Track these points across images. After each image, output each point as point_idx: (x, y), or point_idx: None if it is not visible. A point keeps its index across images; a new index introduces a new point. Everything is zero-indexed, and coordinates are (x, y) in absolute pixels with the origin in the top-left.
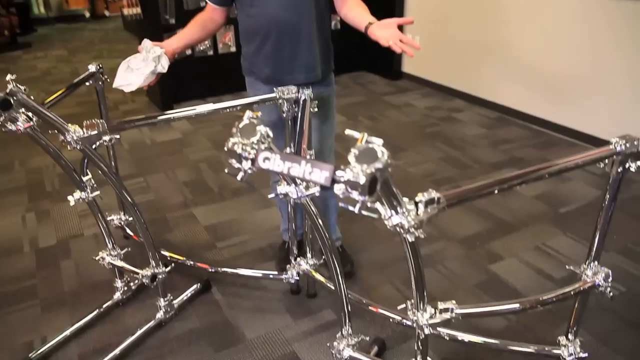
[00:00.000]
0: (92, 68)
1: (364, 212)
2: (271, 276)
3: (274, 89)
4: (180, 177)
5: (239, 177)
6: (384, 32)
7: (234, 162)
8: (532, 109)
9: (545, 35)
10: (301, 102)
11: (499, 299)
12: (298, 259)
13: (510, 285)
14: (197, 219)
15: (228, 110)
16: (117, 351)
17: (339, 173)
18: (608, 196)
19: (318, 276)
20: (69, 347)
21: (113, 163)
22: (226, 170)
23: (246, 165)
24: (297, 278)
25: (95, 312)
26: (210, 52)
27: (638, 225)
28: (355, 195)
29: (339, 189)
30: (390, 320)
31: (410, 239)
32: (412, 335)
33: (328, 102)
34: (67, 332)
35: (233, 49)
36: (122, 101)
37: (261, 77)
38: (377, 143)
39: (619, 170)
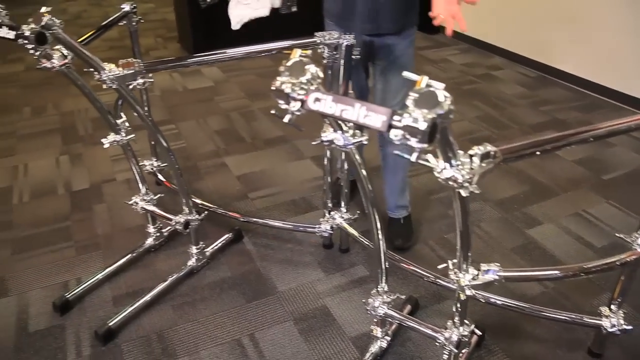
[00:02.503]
0: (125, 7)
1: (421, 161)
2: (308, 229)
3: (315, 33)
4: (211, 125)
5: (286, 119)
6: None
7: (282, 103)
8: (576, 69)
9: None
10: (343, 49)
11: (536, 265)
12: (332, 212)
13: (548, 251)
14: (228, 168)
15: (264, 54)
16: (150, 295)
17: (396, 117)
18: None
19: (352, 230)
20: (103, 289)
21: (147, 108)
22: (272, 111)
23: (294, 106)
24: (331, 232)
25: (127, 257)
26: None
27: None
28: (413, 142)
29: (395, 134)
30: (424, 279)
31: (464, 193)
32: (447, 296)
33: (399, 57)
34: (101, 275)
35: None
36: (154, 47)
37: (331, 16)
38: (438, 87)
39: None
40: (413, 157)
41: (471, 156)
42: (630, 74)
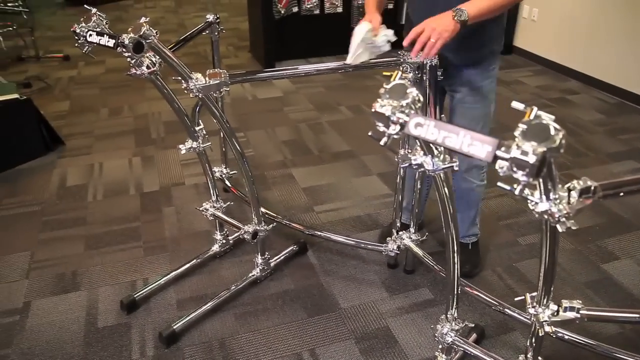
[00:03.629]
0: (210, 18)
1: (524, 195)
2: (370, 246)
3: (399, 52)
4: (280, 135)
5: (382, 142)
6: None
7: (380, 126)
8: None
9: None
10: (427, 68)
11: (611, 302)
12: (400, 232)
13: (626, 289)
14: (295, 179)
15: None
16: (213, 302)
17: (503, 149)
18: None
19: (418, 251)
20: (168, 291)
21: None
22: (370, 133)
23: (394, 129)
24: (397, 252)
25: (193, 261)
26: (317, 12)
27: None
28: (519, 175)
29: (500, 166)
30: (492, 307)
31: (561, 229)
32: (514, 327)
33: (478, 88)
34: (167, 278)
35: (340, 9)
36: (225, 55)
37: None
38: (549, 119)
39: None
40: (517, 191)
41: (569, 190)
42: None
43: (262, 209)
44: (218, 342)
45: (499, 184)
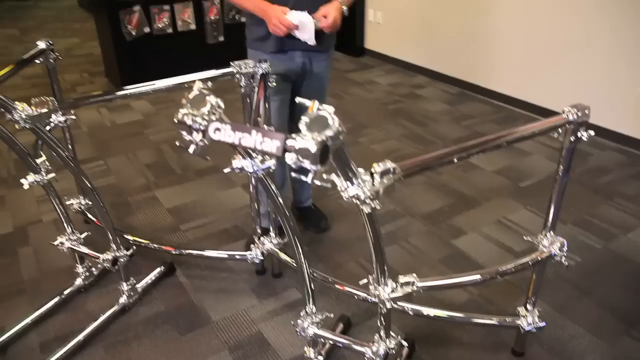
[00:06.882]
0: (41, 45)
1: (317, 182)
2: (237, 257)
3: (231, 63)
4: (141, 159)
5: (191, 150)
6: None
7: (185, 135)
8: (493, 85)
9: (507, 9)
10: (258, 77)
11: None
12: (262, 238)
13: (473, 260)
14: (159, 201)
15: (186, 85)
16: (80, 338)
17: (290, 142)
18: (562, 166)
19: (283, 255)
20: (29, 336)
21: (70, 146)
22: (177, 143)
23: (197, 137)
24: (262, 258)
25: (56, 299)
26: (170, 30)
27: (594, 198)
28: (307, 164)
29: (290, 158)
30: (355, 297)
31: (367, 210)
32: (377, 311)
33: (325, 73)
34: (27, 321)
35: (193, 26)
36: (80, 83)
37: (269, 46)
38: (328, 111)
39: (572, 139)
40: (308, 179)
41: (372, 174)
42: (543, 86)
43: (129, 237)
44: None
45: (293, 174)
